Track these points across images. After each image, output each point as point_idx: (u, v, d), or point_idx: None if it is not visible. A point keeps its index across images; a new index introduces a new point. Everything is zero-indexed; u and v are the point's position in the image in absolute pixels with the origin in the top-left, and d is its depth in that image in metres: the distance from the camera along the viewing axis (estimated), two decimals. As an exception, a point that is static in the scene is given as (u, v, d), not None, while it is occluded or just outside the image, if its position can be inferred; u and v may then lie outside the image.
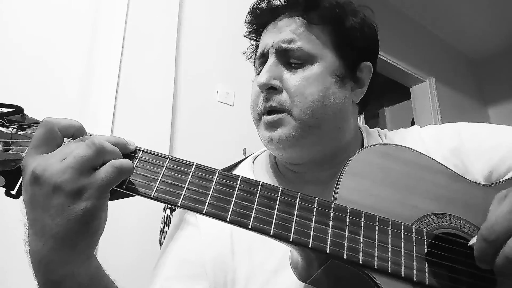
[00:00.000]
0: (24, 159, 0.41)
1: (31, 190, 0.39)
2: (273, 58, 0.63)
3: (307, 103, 0.60)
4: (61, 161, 0.39)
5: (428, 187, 0.51)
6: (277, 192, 0.45)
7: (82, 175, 0.39)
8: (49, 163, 0.39)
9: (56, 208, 0.38)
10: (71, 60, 1.33)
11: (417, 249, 0.45)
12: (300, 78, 0.61)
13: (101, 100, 1.32)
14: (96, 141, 0.41)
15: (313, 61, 0.62)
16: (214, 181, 0.45)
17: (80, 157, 0.39)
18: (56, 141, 0.42)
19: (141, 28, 1.51)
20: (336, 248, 0.43)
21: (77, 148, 0.40)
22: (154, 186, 0.43)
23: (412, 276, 0.43)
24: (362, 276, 0.43)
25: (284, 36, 0.63)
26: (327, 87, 0.61)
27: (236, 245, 0.60)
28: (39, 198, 0.39)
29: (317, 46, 0.63)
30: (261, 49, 0.66)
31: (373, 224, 0.45)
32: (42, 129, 0.42)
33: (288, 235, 0.42)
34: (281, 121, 0.60)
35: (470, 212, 0.50)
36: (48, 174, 0.38)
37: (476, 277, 0.46)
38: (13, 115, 0.46)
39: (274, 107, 0.61)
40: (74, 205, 0.39)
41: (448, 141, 0.64)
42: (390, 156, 0.52)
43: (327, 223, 0.44)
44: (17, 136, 0.45)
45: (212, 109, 1.66)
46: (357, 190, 0.49)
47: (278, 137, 0.60)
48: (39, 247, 0.40)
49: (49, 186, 0.38)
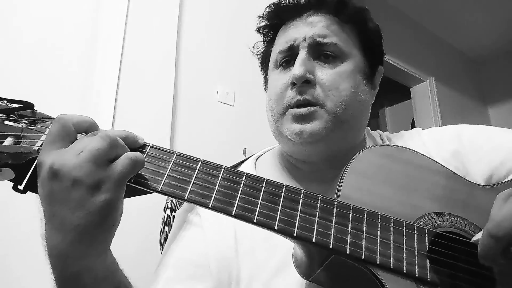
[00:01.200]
0: (40, 155, 0.41)
1: (49, 185, 0.39)
2: (305, 52, 0.63)
3: (341, 97, 0.61)
4: (78, 155, 0.40)
5: (428, 187, 0.52)
6: (281, 188, 0.46)
7: (99, 167, 0.39)
8: (66, 157, 0.39)
9: (76, 201, 0.39)
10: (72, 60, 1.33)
11: (418, 246, 0.46)
12: (333, 73, 0.62)
13: (101, 101, 1.32)
14: (109, 134, 0.41)
15: (345, 58, 0.64)
16: (220, 176, 0.45)
17: (96, 149, 0.40)
18: (70, 137, 0.43)
19: (141, 28, 1.51)
20: (339, 244, 0.43)
21: (92, 142, 0.40)
22: (161, 180, 0.44)
23: (413, 272, 0.44)
24: (364, 272, 0.44)
25: (318, 30, 0.64)
26: (357, 84, 0.64)
27: (240, 245, 0.61)
28: (58, 192, 0.39)
29: (348, 44, 0.65)
30: (289, 43, 0.65)
31: (375, 221, 0.46)
32: (56, 125, 0.42)
33: (292, 230, 0.43)
34: (315, 114, 0.60)
35: (470, 212, 0.51)
36: (67, 169, 0.39)
37: (476, 274, 0.47)
38: (23, 110, 0.47)
39: (308, 100, 0.61)
40: (94, 197, 0.39)
41: (448, 143, 0.65)
42: (391, 157, 0.53)
43: (330, 219, 0.45)
44: (28, 130, 0.45)
45: (212, 109, 1.66)
46: (359, 188, 0.49)
47: (311, 130, 0.60)
48: (58, 241, 0.40)
49: (68, 180, 0.39)
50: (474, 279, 0.47)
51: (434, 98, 3.38)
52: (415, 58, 3.33)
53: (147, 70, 1.49)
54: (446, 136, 0.67)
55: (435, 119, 3.30)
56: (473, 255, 0.45)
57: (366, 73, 0.67)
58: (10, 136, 0.44)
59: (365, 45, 0.67)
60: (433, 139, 0.67)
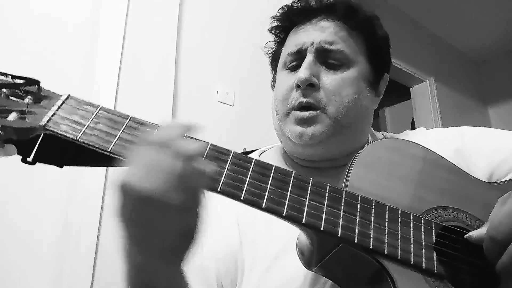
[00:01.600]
0: (122, 175, 0.40)
1: (139, 207, 0.39)
2: (312, 57, 0.65)
3: (343, 103, 0.63)
4: (165, 178, 0.39)
5: (434, 181, 0.52)
6: (290, 176, 0.46)
7: (186, 189, 0.40)
8: (154, 181, 0.39)
9: (166, 224, 0.40)
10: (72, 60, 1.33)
11: (425, 238, 0.46)
12: (337, 79, 0.64)
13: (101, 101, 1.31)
14: (189, 154, 0.40)
15: (350, 65, 0.65)
16: (229, 161, 0.45)
17: (183, 172, 0.39)
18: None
19: (141, 28, 1.51)
20: (348, 232, 0.43)
21: (178, 165, 0.40)
22: None
23: (421, 263, 0.44)
24: (370, 263, 0.44)
25: (326, 37, 0.65)
26: (361, 91, 0.66)
27: (243, 236, 0.62)
28: (147, 215, 0.39)
29: (354, 51, 0.67)
30: (298, 46, 0.67)
31: (383, 212, 0.46)
32: (137, 150, 0.41)
33: (301, 217, 0.43)
34: (316, 118, 0.62)
35: (475, 207, 0.52)
36: (157, 195, 0.38)
37: (482, 268, 0.47)
38: (29, 86, 0.46)
39: (311, 103, 0.63)
40: (182, 220, 0.40)
41: (451, 142, 0.66)
42: (398, 150, 0.54)
43: (339, 208, 0.45)
44: (33, 106, 0.45)
45: (212, 109, 1.66)
46: (366, 180, 0.50)
47: (311, 133, 0.62)
48: (144, 259, 0.42)
49: (157, 205, 0.39)
50: (480, 272, 0.47)
51: (434, 98, 3.38)
52: (415, 58, 3.33)
53: (147, 70, 1.49)
54: (449, 135, 0.69)
55: (435, 119, 3.30)
56: (478, 249, 0.46)
57: (371, 80, 0.68)
58: (14, 112, 0.44)
59: (372, 53, 0.69)
60: (436, 138, 0.68)
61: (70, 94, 0.48)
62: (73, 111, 0.46)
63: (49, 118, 0.44)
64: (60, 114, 0.45)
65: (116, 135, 0.44)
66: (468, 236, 0.47)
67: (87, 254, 1.17)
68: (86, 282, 1.14)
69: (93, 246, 1.18)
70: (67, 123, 0.44)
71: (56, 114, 0.45)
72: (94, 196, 1.23)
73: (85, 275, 1.15)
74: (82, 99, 0.47)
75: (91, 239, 1.19)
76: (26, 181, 1.14)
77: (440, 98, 3.41)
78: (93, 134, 0.44)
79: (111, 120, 0.46)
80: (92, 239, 1.19)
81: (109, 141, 0.44)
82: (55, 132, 0.43)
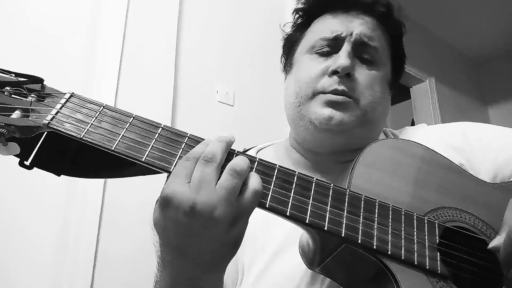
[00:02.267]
0: (168, 187, 0.41)
1: (186, 221, 0.40)
2: (349, 47, 0.63)
3: (374, 98, 0.63)
4: (214, 192, 0.40)
5: (437, 181, 0.52)
6: (293, 176, 0.46)
7: (233, 205, 0.40)
8: (203, 195, 0.39)
9: (214, 236, 0.40)
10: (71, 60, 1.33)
11: (429, 239, 0.46)
12: (371, 74, 0.64)
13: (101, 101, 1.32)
14: (238, 169, 0.41)
15: (380, 65, 0.66)
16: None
17: (232, 187, 0.40)
18: None
19: (141, 28, 1.51)
20: (351, 232, 0.43)
21: (226, 180, 0.41)
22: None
23: (424, 264, 0.44)
24: (373, 263, 0.44)
25: (366, 30, 0.65)
26: (384, 91, 0.67)
27: None
28: (194, 228, 0.40)
29: (384, 53, 0.67)
30: (335, 33, 0.65)
31: (386, 213, 0.46)
32: (185, 164, 0.42)
33: (304, 217, 0.43)
34: (349, 105, 0.61)
35: (478, 208, 0.52)
36: (206, 208, 0.39)
37: (485, 269, 0.48)
38: (32, 84, 0.46)
39: (346, 92, 0.61)
40: (229, 234, 0.41)
41: (453, 140, 0.66)
42: (402, 150, 0.54)
43: (342, 208, 0.45)
44: (37, 104, 0.45)
45: (212, 109, 1.66)
46: (370, 180, 0.50)
47: (341, 119, 0.60)
48: (191, 269, 0.43)
49: (205, 219, 0.39)
50: (483, 273, 0.48)
51: (434, 98, 3.38)
52: (415, 58, 3.33)
53: (147, 70, 1.49)
54: (451, 132, 0.68)
55: (435, 119, 3.30)
56: (482, 250, 0.46)
57: (390, 84, 0.69)
58: (18, 110, 0.43)
59: (396, 58, 0.70)
60: (438, 136, 0.68)
61: (74, 92, 0.47)
62: (77, 109, 0.45)
63: (53, 116, 0.44)
64: (64, 112, 0.45)
65: (120, 134, 0.44)
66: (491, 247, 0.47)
67: (87, 254, 1.17)
68: (86, 282, 1.14)
69: (93, 246, 1.18)
70: (71, 122, 0.44)
71: (60, 112, 0.44)
72: (94, 196, 1.23)
73: (85, 275, 1.15)
74: (85, 97, 0.47)
75: (91, 239, 1.18)
76: (26, 181, 1.14)
77: (440, 98, 3.40)
78: (97, 132, 0.44)
79: (115, 119, 0.46)
80: (92, 239, 1.19)
81: (113, 140, 0.44)
82: (59, 130, 0.43)
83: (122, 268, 1.23)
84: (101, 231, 1.21)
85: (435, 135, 0.68)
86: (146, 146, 0.44)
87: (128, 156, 0.43)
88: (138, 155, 0.43)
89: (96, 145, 0.43)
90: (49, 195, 1.18)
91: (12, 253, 1.09)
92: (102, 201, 1.24)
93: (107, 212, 1.24)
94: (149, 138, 0.44)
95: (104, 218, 1.23)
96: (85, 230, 1.19)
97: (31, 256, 1.12)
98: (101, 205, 1.23)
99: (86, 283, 1.14)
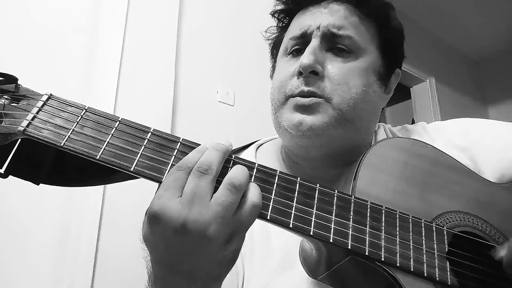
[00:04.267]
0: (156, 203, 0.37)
1: (177, 239, 0.37)
2: (317, 41, 0.59)
3: (350, 94, 0.57)
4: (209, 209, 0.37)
5: (444, 184, 0.50)
6: (295, 183, 0.43)
7: (229, 222, 0.37)
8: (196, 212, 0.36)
9: (208, 255, 0.38)
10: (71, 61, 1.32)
11: (438, 248, 0.45)
12: (345, 67, 0.58)
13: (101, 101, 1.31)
14: (236, 183, 0.38)
15: (359, 54, 0.59)
16: (229, 167, 0.41)
17: (229, 204, 0.37)
18: None
19: (141, 28, 1.51)
20: (358, 244, 0.41)
21: (223, 195, 0.37)
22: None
23: (434, 275, 0.43)
24: (379, 274, 0.42)
25: (334, 20, 0.59)
26: (370, 83, 0.59)
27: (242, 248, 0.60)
28: (187, 246, 0.37)
29: (365, 39, 0.61)
30: (302, 30, 0.61)
31: (393, 221, 0.44)
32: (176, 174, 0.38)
33: (308, 229, 0.40)
34: (318, 107, 0.56)
35: (487, 212, 0.50)
36: (199, 225, 0.36)
37: (495, 277, 0.46)
38: (5, 84, 0.41)
39: (314, 92, 0.56)
40: (225, 251, 0.38)
41: (456, 139, 0.63)
42: (407, 151, 0.52)
43: (348, 217, 0.42)
44: (10, 108, 0.40)
45: (212, 109, 1.66)
46: (375, 183, 0.48)
47: (311, 123, 0.55)
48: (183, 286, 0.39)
49: (199, 237, 0.36)
50: (494, 281, 0.46)
51: (434, 98, 3.38)
52: (415, 58, 3.33)
53: (147, 70, 1.49)
54: (453, 131, 0.65)
55: (435, 119, 3.29)
56: (492, 257, 0.45)
57: (381, 73, 0.62)
58: None
59: (384, 44, 0.63)
60: (440, 135, 0.65)
61: (52, 93, 0.43)
62: (55, 114, 0.41)
63: (29, 122, 0.39)
64: (41, 117, 0.40)
65: (105, 140, 0.40)
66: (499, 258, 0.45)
67: (87, 254, 1.17)
68: (86, 283, 1.14)
69: (93, 246, 1.18)
70: (49, 128, 0.40)
71: (36, 117, 0.40)
72: (94, 196, 1.23)
73: (85, 275, 1.15)
74: (65, 99, 0.43)
75: (91, 239, 1.18)
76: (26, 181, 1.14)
77: (440, 98, 3.41)
78: (79, 139, 0.40)
79: (99, 124, 0.41)
80: (92, 239, 1.18)
81: (97, 148, 0.39)
82: (36, 138, 0.39)
83: (123, 268, 1.23)
84: (101, 231, 1.21)
85: (438, 135, 0.65)
86: (134, 154, 0.40)
87: (116, 166, 0.39)
88: (126, 165, 0.39)
89: (79, 153, 0.39)
90: (49, 195, 1.18)
91: (12, 253, 1.09)
92: (103, 201, 1.23)
93: (107, 212, 1.24)
94: (137, 144, 0.40)
95: (104, 218, 1.23)
96: (86, 230, 1.19)
97: (31, 256, 1.12)
98: (102, 205, 1.23)
99: (86, 283, 1.14)
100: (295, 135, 0.58)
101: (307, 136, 0.57)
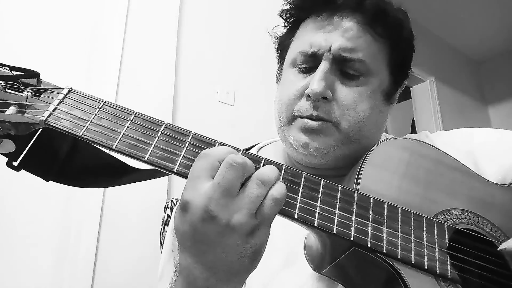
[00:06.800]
0: (186, 192, 0.39)
1: (203, 227, 0.38)
2: (328, 65, 0.58)
3: (358, 119, 0.58)
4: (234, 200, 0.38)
5: (446, 182, 0.52)
6: (301, 177, 0.44)
7: (253, 214, 0.39)
8: (223, 202, 0.38)
9: (230, 246, 0.39)
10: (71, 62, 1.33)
11: (439, 242, 0.46)
12: (354, 92, 0.58)
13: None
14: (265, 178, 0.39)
15: (369, 76, 0.59)
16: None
17: (255, 197, 0.39)
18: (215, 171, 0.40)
19: (141, 28, 1.51)
20: (361, 236, 0.42)
21: (251, 188, 0.39)
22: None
23: (434, 268, 0.44)
24: (383, 267, 0.43)
25: (346, 42, 0.58)
26: (377, 104, 0.60)
27: None
28: (211, 235, 0.38)
29: (376, 61, 0.60)
30: (313, 49, 0.59)
31: (395, 215, 0.45)
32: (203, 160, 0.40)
33: (313, 220, 0.42)
34: (325, 130, 0.58)
35: (488, 210, 0.51)
36: (224, 215, 0.38)
37: (496, 273, 0.47)
38: (27, 78, 0.44)
39: (322, 117, 0.57)
40: (248, 244, 0.39)
41: (460, 144, 0.64)
42: (410, 150, 0.53)
43: (351, 211, 0.44)
44: (33, 100, 0.43)
45: (212, 109, 1.66)
46: (378, 180, 0.49)
47: (317, 146, 0.58)
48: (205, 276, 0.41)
49: (223, 226, 0.38)
50: (493, 277, 0.47)
51: (434, 98, 3.38)
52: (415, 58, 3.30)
53: (147, 70, 1.49)
54: (458, 138, 0.66)
55: (435, 119, 3.30)
56: (491, 253, 0.46)
57: (389, 90, 0.62)
58: (13, 105, 0.41)
59: (395, 63, 0.62)
60: (443, 142, 0.65)
61: (72, 87, 0.45)
62: (75, 106, 0.43)
63: (50, 112, 0.41)
64: (62, 108, 0.43)
65: (121, 132, 0.42)
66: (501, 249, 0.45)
67: (87, 254, 1.17)
68: (86, 283, 1.14)
69: (93, 246, 1.18)
70: (69, 119, 0.42)
71: (57, 108, 0.42)
72: (94, 196, 1.23)
73: (85, 275, 1.15)
74: (84, 93, 0.45)
75: (91, 239, 1.19)
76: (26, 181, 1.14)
77: (440, 98, 3.41)
78: (97, 130, 0.42)
79: (115, 116, 0.44)
80: (92, 239, 1.19)
81: (113, 138, 0.42)
82: (57, 127, 0.41)
83: (123, 268, 1.23)
84: (101, 232, 1.21)
85: (441, 143, 0.65)
86: (148, 144, 0.42)
87: (131, 155, 0.41)
88: (141, 154, 0.41)
89: (97, 143, 0.41)
90: (49, 196, 1.18)
91: (12, 253, 1.09)
92: (103, 201, 1.24)
93: (107, 213, 1.24)
94: (151, 136, 0.43)
95: (104, 218, 1.23)
96: (86, 230, 1.19)
97: (31, 256, 1.12)
98: (102, 205, 1.23)
99: (86, 283, 1.14)
100: (300, 153, 0.60)
101: (313, 156, 0.59)
